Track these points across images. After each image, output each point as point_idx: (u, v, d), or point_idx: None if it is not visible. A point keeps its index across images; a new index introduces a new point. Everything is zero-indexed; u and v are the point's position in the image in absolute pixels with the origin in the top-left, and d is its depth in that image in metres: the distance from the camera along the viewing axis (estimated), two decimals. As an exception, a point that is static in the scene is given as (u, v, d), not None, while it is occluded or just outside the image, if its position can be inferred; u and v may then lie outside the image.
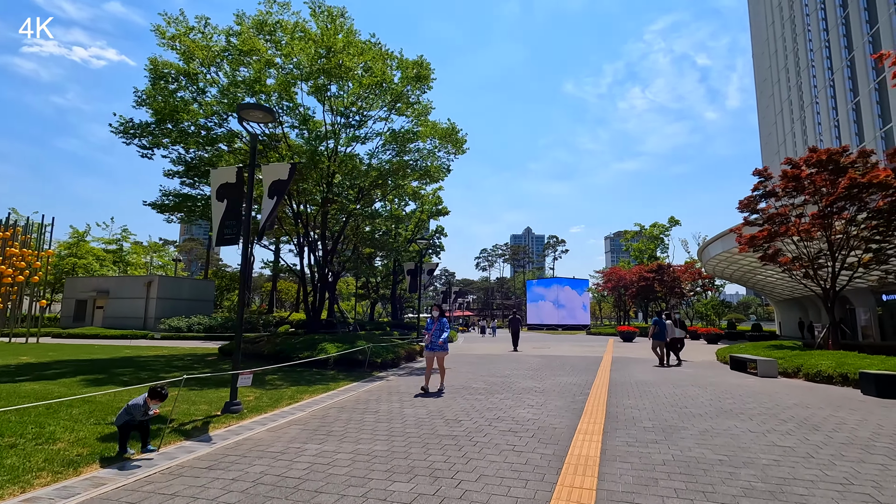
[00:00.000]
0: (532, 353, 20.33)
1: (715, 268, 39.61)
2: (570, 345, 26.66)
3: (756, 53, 64.69)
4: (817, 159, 15.80)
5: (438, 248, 37.24)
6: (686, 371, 13.68)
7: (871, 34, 34.16)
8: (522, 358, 17.55)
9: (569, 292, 64.29)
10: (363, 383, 10.85)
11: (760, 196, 17.54)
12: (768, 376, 12.47)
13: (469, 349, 22.65)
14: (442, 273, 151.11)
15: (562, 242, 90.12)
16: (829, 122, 40.32)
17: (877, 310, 33.60)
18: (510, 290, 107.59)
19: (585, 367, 14.61)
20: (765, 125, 60.81)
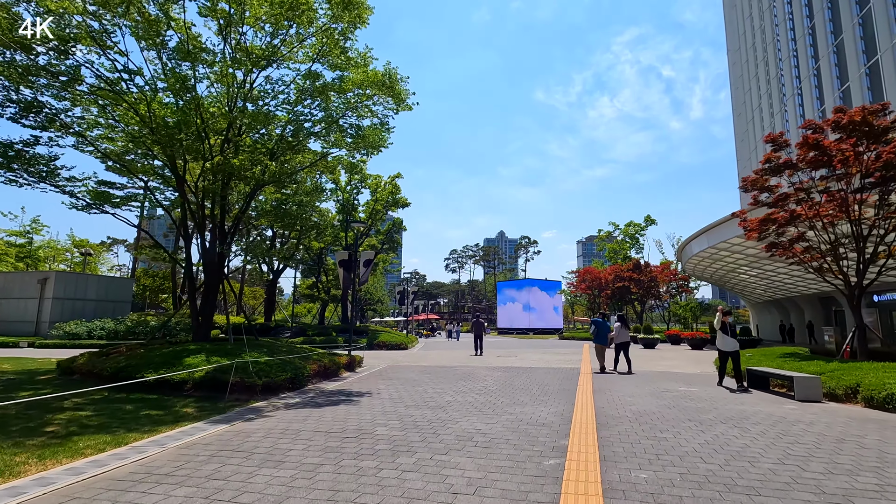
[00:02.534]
0: (494, 363, 16.53)
1: (696, 267, 36.92)
2: (541, 352, 23.03)
3: (731, 62, 63.58)
4: (849, 120, 12.54)
5: (396, 244, 33.24)
6: (693, 393, 10.06)
7: (835, 44, 32.92)
8: (479, 372, 13.70)
9: (540, 294, 61.22)
10: (216, 422, 6.77)
11: (772, 169, 14.23)
12: (810, 400, 8.98)
13: (420, 358, 18.71)
14: (412, 275, 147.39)
15: (534, 243, 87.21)
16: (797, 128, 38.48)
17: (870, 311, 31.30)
18: (481, 293, 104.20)
19: (559, 386, 10.84)
20: (739, 132, 59.44)
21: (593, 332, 14.13)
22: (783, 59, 42.41)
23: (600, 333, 14.09)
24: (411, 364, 16.24)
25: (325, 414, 7.43)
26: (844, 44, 31.83)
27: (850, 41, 30.95)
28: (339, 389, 10.25)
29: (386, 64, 13.58)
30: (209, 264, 12.74)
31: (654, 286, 42.84)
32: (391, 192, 31.32)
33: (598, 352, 14.10)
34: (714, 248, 27.28)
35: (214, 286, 12.81)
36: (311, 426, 6.49)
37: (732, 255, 28.49)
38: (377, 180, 31.44)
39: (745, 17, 55.19)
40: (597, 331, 14.14)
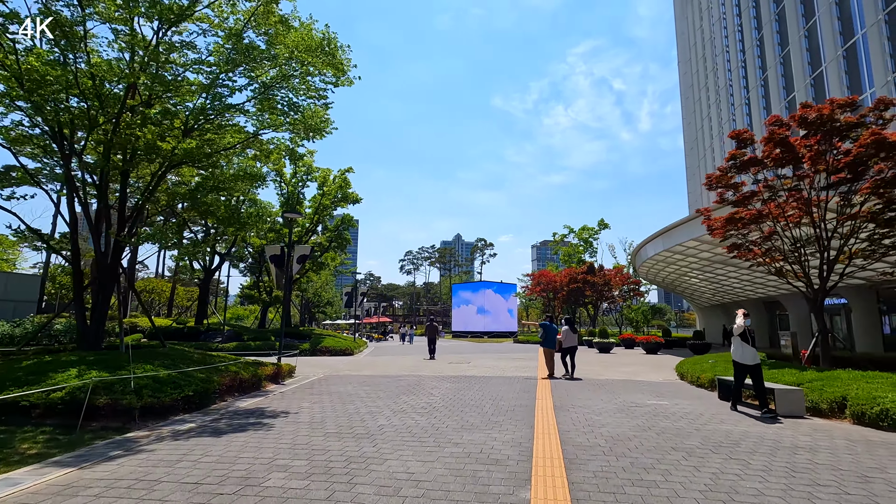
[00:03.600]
0: (446, 371, 15.01)
1: (649, 271, 37.00)
2: (496, 357, 21.75)
3: (682, 71, 65.44)
4: (817, 115, 11.91)
5: (345, 242, 31.14)
6: (665, 408, 8.92)
7: (782, 56, 34.03)
8: (426, 383, 12.13)
9: (495, 297, 60.46)
10: (60, 465, 4.85)
11: (737, 166, 13.53)
12: (794, 415, 8.01)
13: (365, 365, 16.94)
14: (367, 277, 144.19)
15: (490, 246, 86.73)
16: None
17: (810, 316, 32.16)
18: (436, 295, 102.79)
19: (515, 400, 9.44)
20: (689, 140, 61.13)
21: (542, 335, 13.51)
22: (732, 69, 43.57)
23: (549, 337, 13.54)
24: (352, 373, 14.47)
25: (213, 449, 5.64)
26: (791, 55, 32.71)
27: (797, 53, 31.79)
28: (254, 409, 8.41)
29: (324, 29, 11.84)
30: (99, 256, 10.50)
31: (608, 289, 42.84)
32: (340, 186, 29.27)
33: (546, 356, 13.48)
34: (669, 251, 27.04)
35: (107, 282, 10.59)
36: (181, 473, 4.71)
37: (686, 259, 28.41)
38: (325, 174, 29.32)
39: (695, 28, 56.79)
40: (545, 334, 13.57)
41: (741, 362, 8.49)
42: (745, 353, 8.45)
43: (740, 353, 8.51)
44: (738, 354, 8.56)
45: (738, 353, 8.57)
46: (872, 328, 24.74)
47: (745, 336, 8.54)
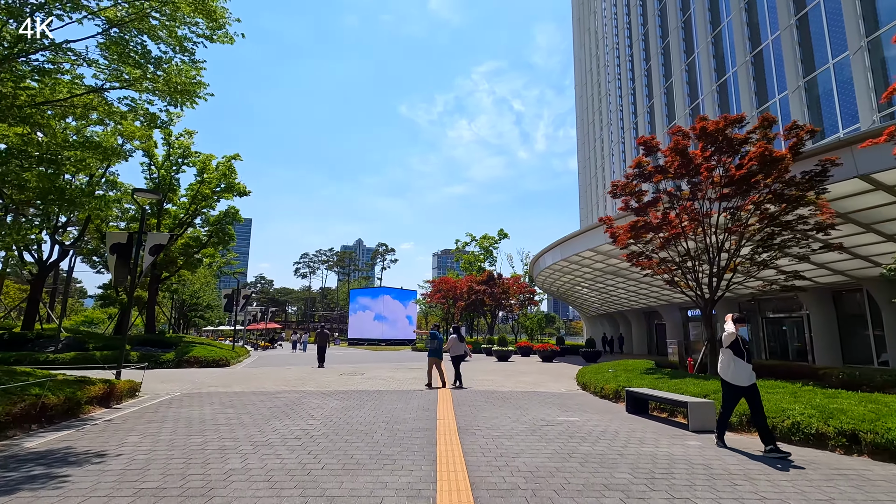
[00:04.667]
0: (334, 384, 13.12)
1: (545, 280, 38.02)
2: (393, 367, 20.18)
3: (578, 94, 69.81)
4: (714, 127, 12.24)
5: (228, 238, 27.55)
6: (577, 426, 8.09)
7: (666, 86, 37.39)
8: (308, 402, 10.24)
9: (395, 304, 58.94)
10: None
11: (642, 174, 13.58)
12: (706, 430, 7.56)
13: (240, 379, 14.37)
14: (257, 280, 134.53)
15: (391, 251, 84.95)
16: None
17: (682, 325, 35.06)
18: (333, 301, 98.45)
19: (413, 423, 8.01)
20: (582, 158, 65.23)
21: (428, 344, 13.20)
22: (623, 95, 46.97)
23: (435, 346, 13.17)
24: (219, 389, 12.01)
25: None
26: (673, 87, 35.78)
27: (678, 85, 34.81)
28: (48, 450, 5.99)
29: (195, -37, 9.59)
30: None
31: (506, 297, 43.45)
32: (225, 174, 25.83)
33: (430, 365, 13.01)
34: (566, 260, 27.66)
35: None
36: None
37: (581, 269, 29.33)
38: (207, 159, 25.68)
39: (591, 55, 60.89)
40: (432, 344, 13.20)
41: (734, 383, 6.44)
42: (737, 370, 6.43)
43: (731, 370, 6.48)
44: (728, 372, 6.52)
45: (727, 369, 6.53)
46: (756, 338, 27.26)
47: (737, 348, 6.54)
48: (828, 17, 21.67)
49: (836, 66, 21.12)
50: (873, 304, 19.83)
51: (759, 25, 26.27)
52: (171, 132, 24.99)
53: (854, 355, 21.12)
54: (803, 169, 11.90)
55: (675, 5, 35.45)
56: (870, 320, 20.16)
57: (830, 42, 21.45)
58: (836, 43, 21.02)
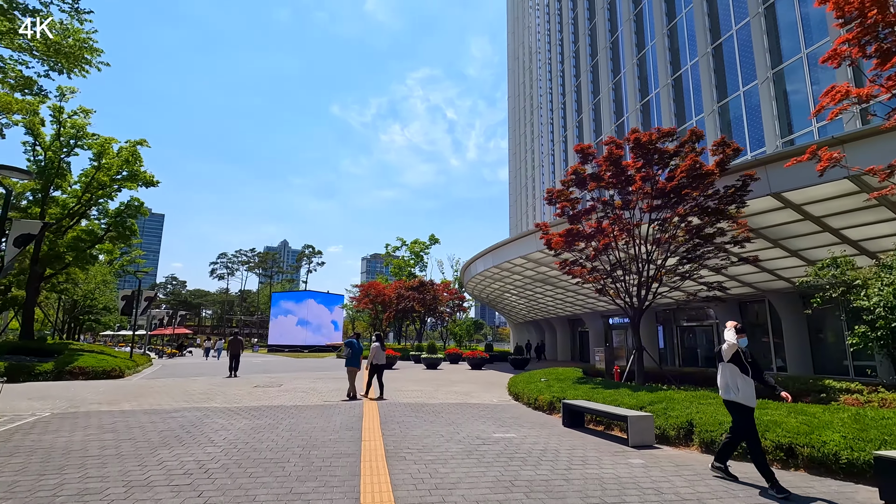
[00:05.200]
0: (244, 399, 11.67)
1: (476, 286, 37.97)
2: (315, 377, 18.75)
3: (511, 106, 71.49)
4: (648, 139, 12.42)
5: (129, 232, 24.53)
6: (515, 444, 7.54)
7: (594, 102, 39.14)
8: (210, 423, 8.87)
9: (320, 309, 56.48)
10: None
11: (578, 181, 13.54)
12: (645, 444, 7.30)
13: (133, 394, 12.41)
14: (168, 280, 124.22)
15: (318, 253, 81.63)
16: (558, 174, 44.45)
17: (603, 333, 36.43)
18: (253, 305, 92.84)
19: (333, 445, 7.03)
20: (513, 169, 66.74)
21: (347, 353, 12.60)
22: (553, 109, 48.51)
23: (354, 355, 12.60)
24: (104, 408, 10.18)
25: None
26: (601, 103, 37.38)
27: (606, 101, 36.38)
28: None
29: None
30: None
31: (437, 304, 42.97)
32: (128, 160, 22.99)
33: (350, 376, 12.41)
34: (498, 267, 27.62)
35: None
36: None
37: (512, 276, 29.47)
38: (106, 142, 22.68)
39: (524, 68, 62.56)
40: (350, 352, 12.62)
41: (746, 404, 5.36)
42: (747, 388, 5.36)
43: (742, 389, 5.38)
44: (737, 392, 5.40)
45: (735, 389, 5.41)
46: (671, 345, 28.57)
47: (740, 362, 5.50)
48: (739, 49, 23.37)
49: (746, 94, 22.79)
50: (774, 315, 21.49)
51: (679, 51, 27.93)
52: (63, 108, 21.85)
53: (756, 361, 22.80)
54: (726, 184, 12.41)
55: (604, 27, 37.05)
56: (770, 329, 21.83)
57: (741, 71, 23.13)
58: (747, 72, 22.70)
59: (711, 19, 25.41)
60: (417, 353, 31.31)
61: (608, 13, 37.12)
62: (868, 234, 14.37)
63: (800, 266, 17.47)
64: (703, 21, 25.57)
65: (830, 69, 18.19)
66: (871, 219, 13.62)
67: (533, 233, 22.46)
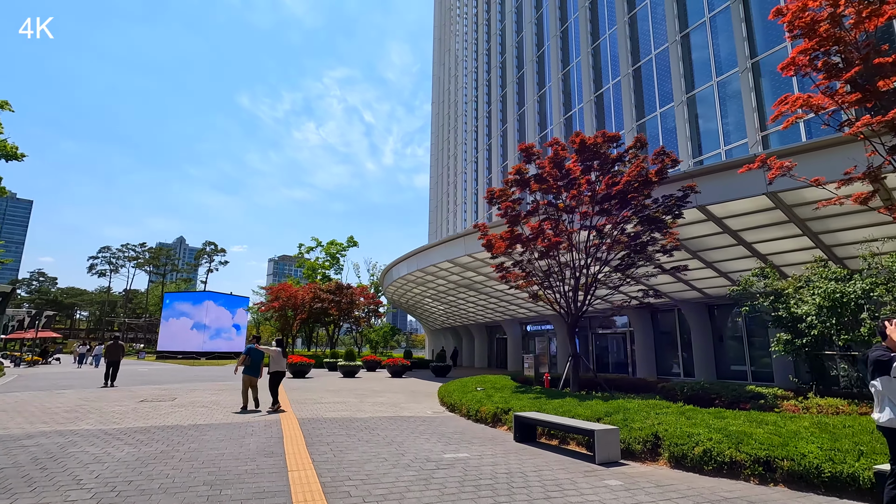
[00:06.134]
0: (127, 418, 9.46)
1: (396, 291, 36.68)
2: (216, 388, 16.35)
3: (434, 112, 71.48)
4: (592, 142, 12.24)
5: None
6: (471, 465, 6.58)
7: (519, 114, 40.15)
8: (80, 449, 6.85)
9: (221, 311, 51.58)
10: None
11: (520, 182, 13.03)
12: (611, 460, 6.68)
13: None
14: (33, 277, 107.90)
15: (221, 251, 74.98)
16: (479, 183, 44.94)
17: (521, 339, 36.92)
18: (141, 306, 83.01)
19: (250, 478, 5.55)
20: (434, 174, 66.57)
21: (246, 361, 11.32)
22: (479, 117, 48.95)
23: (254, 363, 11.32)
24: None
25: None
26: (526, 115, 38.22)
27: (531, 113, 37.22)
28: None
29: None
30: None
31: (353, 308, 40.96)
32: (-21, 125, 18.74)
33: (246, 384, 11.17)
34: (422, 271, 26.68)
35: None
36: None
37: (436, 281, 28.68)
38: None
39: (450, 75, 62.80)
40: (251, 360, 11.34)
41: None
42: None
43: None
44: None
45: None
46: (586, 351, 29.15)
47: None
48: (658, 72, 24.75)
49: (662, 115, 24.14)
50: (683, 323, 22.83)
51: (602, 70, 29.16)
52: None
53: (664, 368, 24.08)
54: (664, 193, 12.60)
55: (531, 40, 37.96)
56: (679, 337, 23.16)
57: (659, 93, 24.49)
58: (664, 94, 24.06)
59: (633, 42, 26.74)
60: (332, 360, 29.30)
61: (535, 27, 38.08)
62: (776, 249, 15.50)
63: (712, 277, 18.58)
64: (625, 43, 26.84)
65: (738, 99, 19.80)
66: (779, 234, 14.67)
67: (461, 236, 21.86)
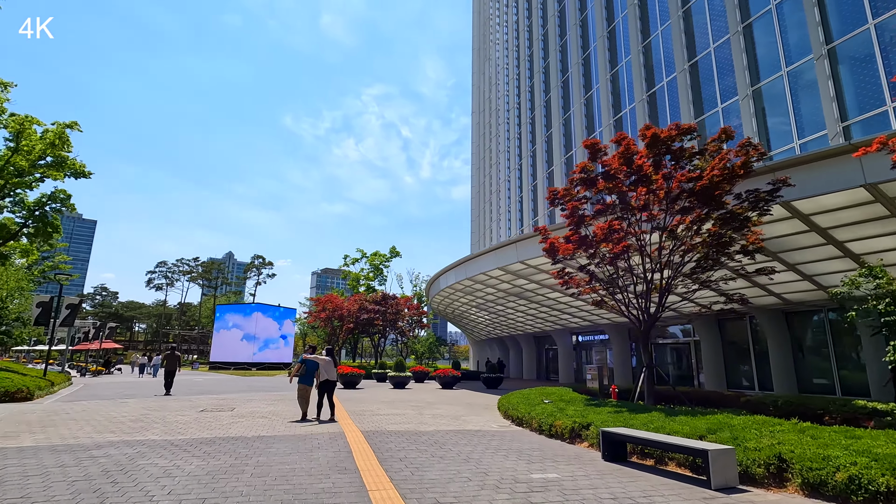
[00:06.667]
0: (191, 429, 9.27)
1: (442, 301, 36.17)
2: (272, 399, 16.22)
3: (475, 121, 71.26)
4: (667, 135, 11.33)
5: (49, 228, 21.07)
6: (567, 490, 5.83)
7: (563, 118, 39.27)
8: (149, 461, 6.59)
9: (269, 322, 52.62)
10: None
11: (586, 181, 12.24)
12: (729, 486, 5.79)
13: (42, 421, 9.67)
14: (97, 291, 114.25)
15: (268, 265, 77.05)
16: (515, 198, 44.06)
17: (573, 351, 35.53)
18: (195, 318, 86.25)
19: (330, 502, 5.05)
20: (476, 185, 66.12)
21: (300, 371, 11.14)
22: (521, 124, 48.25)
23: (309, 372, 11.19)
24: None
25: None
26: (572, 119, 37.27)
27: (577, 117, 36.18)
28: None
29: None
30: None
31: (398, 319, 40.76)
32: (54, 144, 19.76)
33: (301, 394, 11.04)
34: (471, 279, 26.04)
35: None
36: None
37: (485, 290, 27.96)
38: (26, 122, 19.35)
39: (490, 84, 62.46)
40: (305, 369, 11.16)
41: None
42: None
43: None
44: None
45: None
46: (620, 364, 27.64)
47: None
48: (718, 66, 23.40)
49: (724, 111, 22.71)
50: (756, 332, 21.10)
51: (654, 67, 27.94)
52: (-27, 80, 18.52)
53: (734, 380, 22.31)
54: (746, 188, 11.50)
55: (576, 43, 37.09)
56: (752, 347, 21.40)
57: (720, 88, 23.09)
58: (725, 89, 22.67)
59: (688, 37, 25.52)
60: (381, 370, 29.00)
61: (580, 30, 37.32)
62: (873, 248, 13.95)
63: (793, 281, 17.02)
64: (680, 38, 25.65)
65: (813, 89, 18.27)
66: (877, 231, 13.18)
67: (513, 242, 21.14)
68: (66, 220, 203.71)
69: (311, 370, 11.21)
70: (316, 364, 11.29)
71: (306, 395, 11.03)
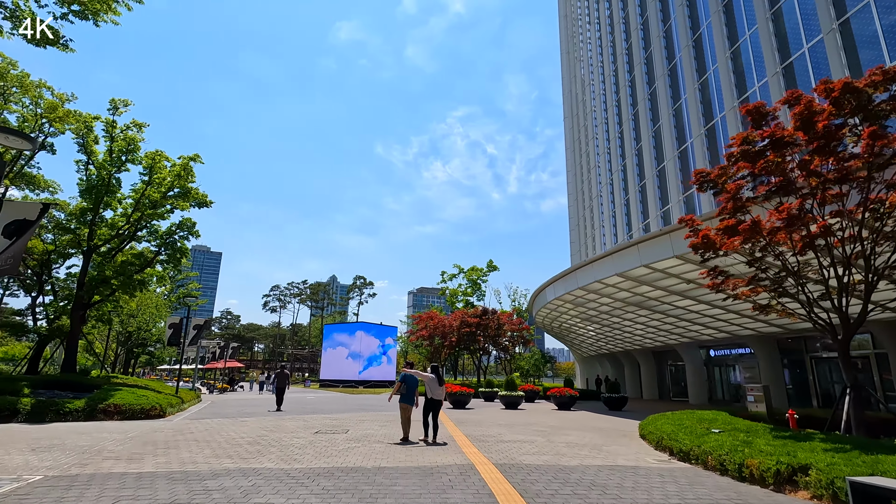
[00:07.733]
0: (307, 455, 8.46)
1: (548, 315, 33.89)
2: (383, 420, 15.38)
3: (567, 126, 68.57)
4: (865, 84, 8.69)
5: (179, 254, 22.72)
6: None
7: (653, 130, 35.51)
8: (268, 494, 5.64)
9: (372, 341, 53.67)
10: None
11: (749, 154, 9.85)
12: None
13: (171, 440, 9.50)
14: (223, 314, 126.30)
15: (369, 285, 79.67)
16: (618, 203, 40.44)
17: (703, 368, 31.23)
18: (304, 338, 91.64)
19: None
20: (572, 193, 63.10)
21: (401, 389, 10.43)
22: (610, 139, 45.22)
23: (410, 390, 10.43)
24: (116, 468, 7.24)
25: None
26: (661, 130, 33.92)
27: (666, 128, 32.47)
28: None
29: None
30: None
31: (501, 334, 39.06)
32: (179, 175, 21.30)
33: (403, 414, 10.39)
34: (583, 289, 23.70)
35: None
36: None
37: (600, 299, 25.39)
38: (157, 157, 21.12)
39: (578, 100, 59.92)
40: (406, 387, 10.42)
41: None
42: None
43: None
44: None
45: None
46: (804, 381, 23.46)
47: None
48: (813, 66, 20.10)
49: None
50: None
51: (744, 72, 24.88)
52: (115, 123, 20.60)
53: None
54: None
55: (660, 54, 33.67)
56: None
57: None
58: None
59: (779, 39, 22.29)
60: (488, 389, 27.48)
61: (664, 41, 34.59)
62: None
63: None
64: (769, 41, 22.54)
65: None
66: None
67: (635, 244, 18.69)
68: (197, 254, 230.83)
69: (412, 387, 10.48)
70: (416, 380, 10.66)
71: (408, 415, 10.42)
